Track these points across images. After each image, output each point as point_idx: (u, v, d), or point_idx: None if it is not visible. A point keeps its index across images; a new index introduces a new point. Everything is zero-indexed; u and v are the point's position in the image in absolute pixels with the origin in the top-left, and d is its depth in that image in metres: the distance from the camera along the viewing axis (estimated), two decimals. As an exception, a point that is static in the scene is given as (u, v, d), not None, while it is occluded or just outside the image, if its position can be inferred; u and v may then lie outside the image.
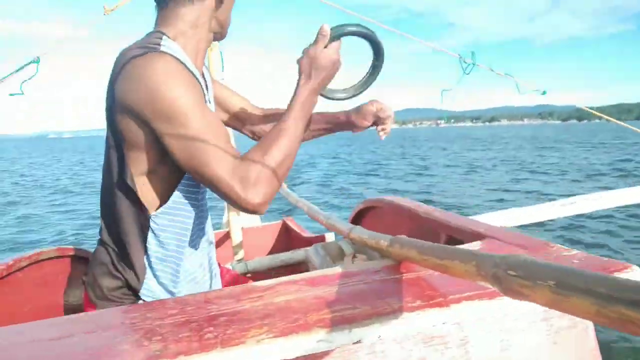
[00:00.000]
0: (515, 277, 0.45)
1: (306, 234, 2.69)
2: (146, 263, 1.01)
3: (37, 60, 2.00)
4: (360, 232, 1.14)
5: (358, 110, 1.25)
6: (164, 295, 1.04)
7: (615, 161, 15.80)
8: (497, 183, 11.07)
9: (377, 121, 1.24)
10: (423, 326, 0.61)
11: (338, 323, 0.59)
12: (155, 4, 1.03)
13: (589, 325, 0.75)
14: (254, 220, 3.02)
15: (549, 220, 2.63)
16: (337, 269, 0.84)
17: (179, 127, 0.85)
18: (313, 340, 0.57)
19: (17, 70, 1.57)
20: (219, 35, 1.11)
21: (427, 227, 1.22)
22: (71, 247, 1.54)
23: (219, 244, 2.68)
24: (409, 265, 0.81)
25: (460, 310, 0.62)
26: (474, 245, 0.90)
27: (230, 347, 0.56)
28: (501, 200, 8.36)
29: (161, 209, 0.98)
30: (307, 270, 1.55)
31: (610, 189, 1.80)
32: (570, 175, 12.11)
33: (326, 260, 1.68)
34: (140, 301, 1.03)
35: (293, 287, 0.76)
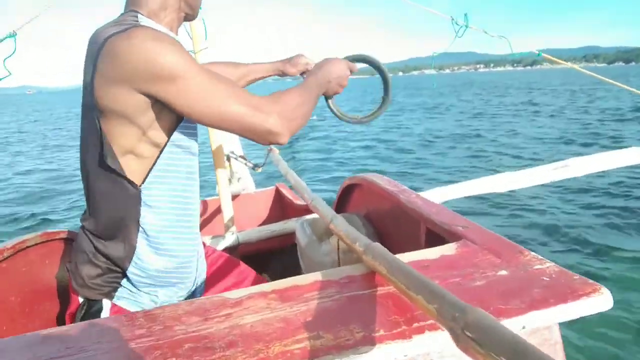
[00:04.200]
0: (470, 339, 0.44)
1: (299, 201, 2.69)
2: (140, 240, 1.02)
3: (13, 35, 1.92)
4: (340, 225, 1.13)
5: (290, 60, 1.46)
6: (152, 273, 1.05)
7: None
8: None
9: (305, 72, 1.46)
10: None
11: (299, 359, 0.59)
12: None
13: None
14: (247, 187, 3.01)
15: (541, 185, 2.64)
16: (310, 277, 0.83)
17: (186, 82, 0.88)
18: None
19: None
20: (190, 16, 1.13)
21: (408, 216, 1.21)
22: (57, 230, 1.54)
23: (211, 213, 2.69)
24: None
25: (423, 343, 0.61)
26: (450, 249, 0.89)
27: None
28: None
29: (150, 177, 0.98)
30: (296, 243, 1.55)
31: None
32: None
33: (312, 240, 1.68)
34: (125, 280, 1.04)
35: (263, 303, 0.75)
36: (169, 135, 0.98)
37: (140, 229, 1.01)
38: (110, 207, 1.00)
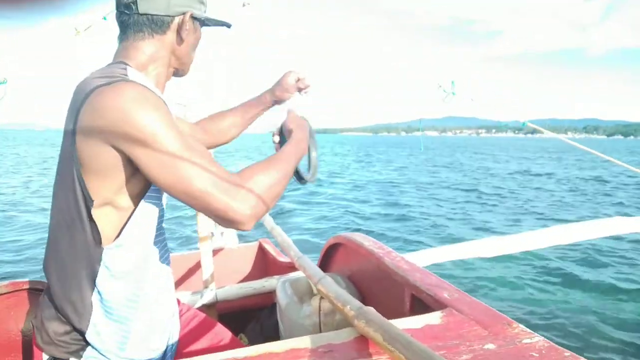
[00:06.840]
0: None
1: (282, 258, 2.63)
2: (94, 302, 0.95)
3: (4, 82, 1.93)
4: (329, 287, 1.09)
5: (278, 83, 1.35)
6: (112, 341, 0.97)
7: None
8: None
9: (301, 89, 1.37)
10: None
11: None
12: (118, 34, 1.03)
13: None
14: (230, 241, 2.94)
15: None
16: (287, 344, 0.78)
17: (156, 148, 0.83)
18: None
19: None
20: (180, 72, 1.11)
21: (393, 280, 1.17)
22: (26, 280, 1.47)
23: (190, 268, 2.61)
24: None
25: None
26: (435, 317, 0.85)
27: None
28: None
29: (117, 240, 0.93)
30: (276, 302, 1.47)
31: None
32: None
33: (293, 300, 1.62)
34: (89, 347, 0.97)
35: (234, 372, 0.70)
36: (142, 195, 0.95)
37: (97, 292, 0.95)
38: (70, 263, 0.95)
